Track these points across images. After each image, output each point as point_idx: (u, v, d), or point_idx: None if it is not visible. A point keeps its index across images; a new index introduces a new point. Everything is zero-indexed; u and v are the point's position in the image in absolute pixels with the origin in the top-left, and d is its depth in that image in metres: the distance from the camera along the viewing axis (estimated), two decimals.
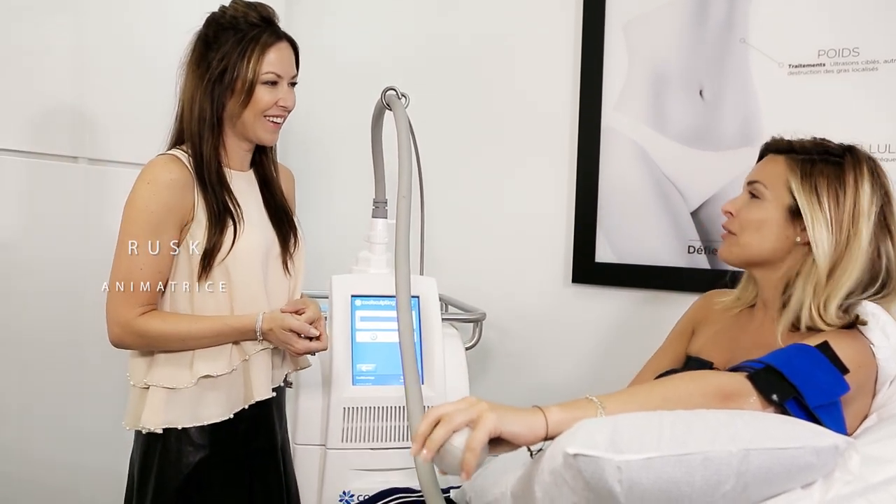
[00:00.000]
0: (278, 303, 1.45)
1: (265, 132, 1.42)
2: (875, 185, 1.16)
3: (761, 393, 0.98)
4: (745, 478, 0.85)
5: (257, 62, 1.38)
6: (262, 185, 1.51)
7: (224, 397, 1.39)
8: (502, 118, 2.18)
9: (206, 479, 1.39)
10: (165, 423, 1.36)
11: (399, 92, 1.58)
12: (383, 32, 2.33)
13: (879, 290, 1.14)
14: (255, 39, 1.39)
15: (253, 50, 1.38)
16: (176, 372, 1.37)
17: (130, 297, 1.35)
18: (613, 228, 2.04)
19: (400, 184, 1.30)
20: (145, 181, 1.35)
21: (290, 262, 1.50)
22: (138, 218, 1.34)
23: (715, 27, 1.91)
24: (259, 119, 1.40)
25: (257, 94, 1.38)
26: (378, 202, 1.85)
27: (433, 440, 0.87)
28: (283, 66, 1.41)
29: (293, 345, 1.37)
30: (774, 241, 1.19)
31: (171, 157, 1.39)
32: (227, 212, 1.39)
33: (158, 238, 1.34)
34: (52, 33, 1.74)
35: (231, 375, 1.39)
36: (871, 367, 1.09)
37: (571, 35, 2.08)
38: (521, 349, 2.17)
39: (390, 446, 1.68)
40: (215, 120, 1.39)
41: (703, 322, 1.37)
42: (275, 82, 1.40)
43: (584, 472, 0.81)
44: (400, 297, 1.18)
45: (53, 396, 1.78)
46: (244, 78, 1.37)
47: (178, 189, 1.36)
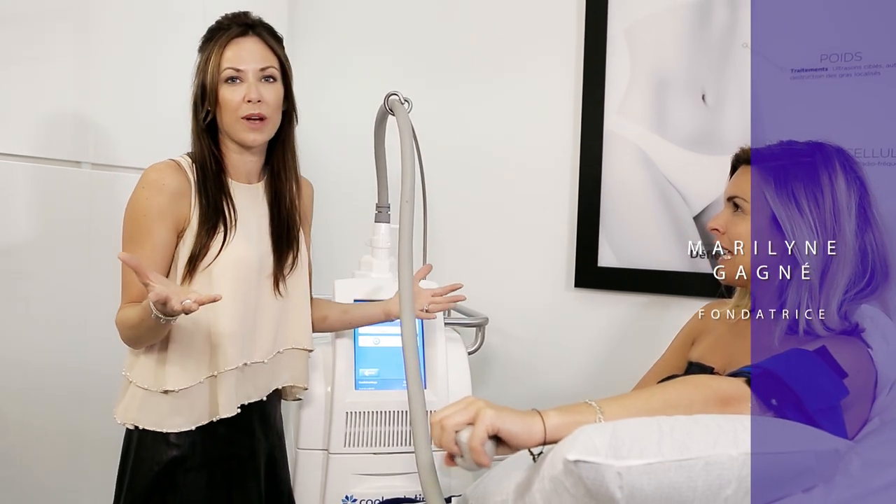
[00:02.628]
0: (264, 323, 1.45)
1: (244, 132, 1.40)
2: (849, 178, 1.15)
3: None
4: (746, 482, 0.85)
5: (217, 62, 1.38)
6: (272, 201, 1.49)
7: (188, 409, 1.39)
8: (505, 122, 2.19)
9: (178, 479, 1.39)
10: (133, 421, 1.39)
11: (402, 97, 1.58)
12: (386, 38, 2.34)
13: (870, 283, 1.14)
14: (214, 40, 1.39)
15: (213, 51, 1.39)
16: (149, 375, 1.38)
17: (123, 295, 1.38)
18: (616, 233, 2.04)
19: (403, 188, 1.30)
20: (140, 185, 1.38)
21: (283, 283, 1.48)
22: (132, 220, 1.37)
23: (717, 32, 1.91)
24: (237, 121, 1.39)
25: (221, 95, 1.38)
26: (381, 207, 1.86)
27: (444, 445, 0.88)
28: (243, 60, 1.38)
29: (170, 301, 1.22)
30: (765, 253, 1.19)
31: (170, 162, 1.40)
32: (220, 215, 1.39)
33: (150, 239, 1.35)
34: (56, 39, 1.75)
35: (196, 389, 1.38)
36: (870, 371, 1.09)
37: (574, 39, 2.08)
38: (523, 354, 2.17)
39: (393, 451, 1.68)
40: (203, 128, 1.41)
41: (703, 332, 1.37)
42: (235, 78, 1.38)
43: (584, 478, 0.81)
44: (403, 302, 1.18)
45: (58, 402, 1.78)
46: (206, 82, 1.38)
47: (170, 193, 1.36)
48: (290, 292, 1.50)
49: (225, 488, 1.45)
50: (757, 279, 1.23)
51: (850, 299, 1.14)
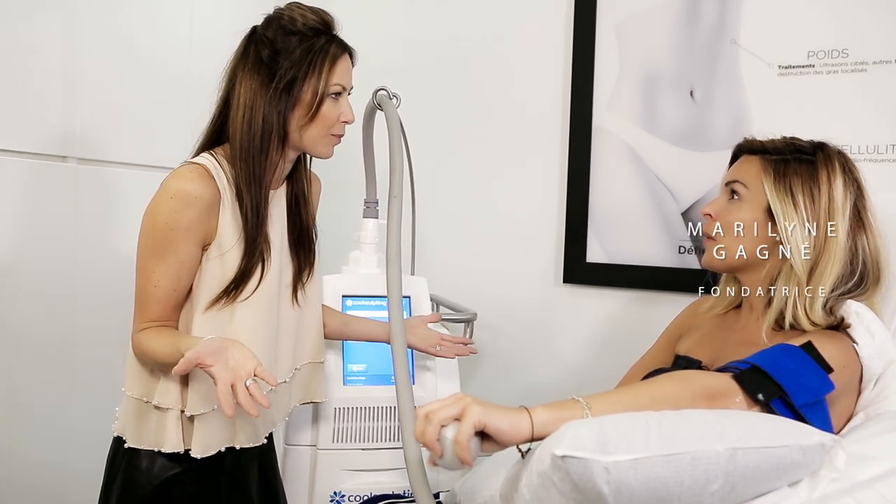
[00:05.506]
0: (284, 339, 1.38)
1: (328, 146, 1.35)
2: (847, 179, 1.17)
3: (747, 392, 0.99)
4: (732, 477, 0.86)
5: (328, 75, 1.29)
6: (292, 203, 1.41)
7: (207, 434, 1.30)
8: (494, 118, 2.19)
9: (177, 492, 1.32)
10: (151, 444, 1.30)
11: (390, 92, 1.58)
12: (374, 33, 2.33)
13: (859, 284, 1.15)
14: (324, 50, 1.30)
15: (324, 61, 1.29)
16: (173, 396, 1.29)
17: (141, 311, 1.29)
18: (604, 229, 2.04)
19: (391, 184, 1.30)
20: (168, 195, 1.24)
21: (302, 291, 1.42)
22: (156, 232, 1.25)
23: (706, 28, 1.91)
24: (326, 135, 1.33)
25: (324, 109, 1.30)
26: (369, 202, 1.85)
27: (426, 438, 0.88)
28: (347, 77, 1.33)
29: (236, 389, 1.13)
30: (755, 241, 1.20)
31: (200, 169, 1.26)
32: (262, 253, 1.30)
33: (175, 254, 1.25)
34: (42, 32, 1.73)
35: (215, 414, 1.29)
36: (855, 366, 1.10)
37: (563, 35, 2.09)
38: (512, 349, 2.18)
39: (381, 446, 1.68)
40: (282, 133, 1.29)
41: (690, 327, 1.38)
42: (339, 94, 1.32)
43: (572, 473, 0.81)
44: (391, 298, 1.18)
45: (45, 397, 1.77)
46: (315, 90, 1.28)
47: (202, 208, 1.25)
48: (307, 301, 1.44)
49: (223, 488, 1.40)
50: (744, 269, 1.24)
51: (837, 298, 1.15)
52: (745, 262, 1.22)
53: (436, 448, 0.88)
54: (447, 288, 2.12)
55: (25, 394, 1.74)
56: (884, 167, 1.73)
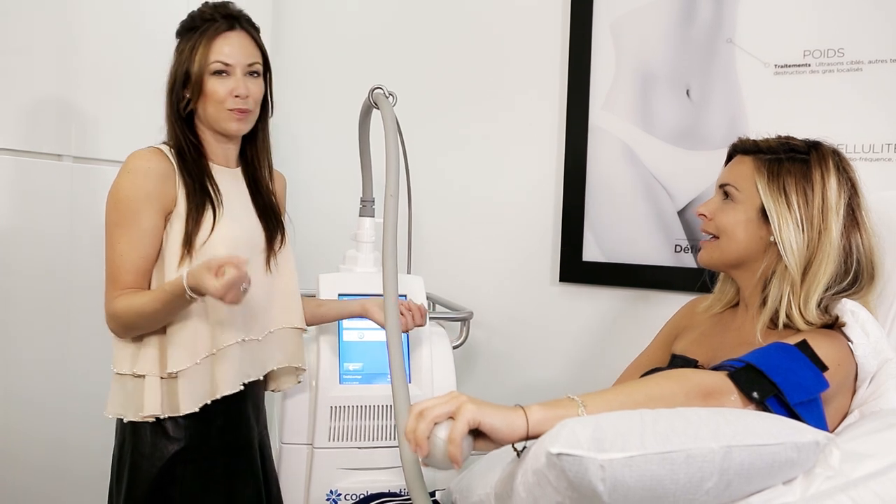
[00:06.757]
0: (257, 298, 1.45)
1: (229, 122, 1.42)
2: (841, 178, 1.17)
3: (742, 391, 0.99)
4: (727, 474, 0.86)
5: (204, 54, 1.39)
6: (250, 183, 1.51)
7: (190, 390, 1.38)
8: (490, 117, 2.19)
9: (180, 472, 1.40)
10: (134, 413, 1.37)
11: (386, 90, 1.58)
12: (370, 31, 2.33)
13: (853, 283, 1.15)
14: (203, 32, 1.40)
15: (200, 42, 1.40)
16: (152, 362, 1.38)
17: (113, 283, 1.37)
18: (601, 227, 2.04)
19: (387, 182, 1.30)
20: (125, 171, 1.38)
21: (274, 260, 1.51)
22: (118, 206, 1.36)
23: (702, 27, 1.92)
24: (221, 111, 1.41)
25: (208, 86, 1.40)
26: (365, 201, 1.85)
27: (417, 434, 0.88)
28: (233, 55, 1.41)
29: (207, 286, 1.24)
30: (749, 241, 1.20)
31: (152, 148, 1.42)
32: (206, 195, 1.40)
33: (138, 224, 1.35)
34: (37, 30, 1.73)
35: (197, 369, 1.38)
36: (850, 365, 1.10)
37: (559, 33, 2.09)
38: (508, 348, 2.18)
39: (377, 445, 1.68)
40: (181, 115, 1.42)
41: (687, 327, 1.38)
42: (223, 72, 1.40)
43: (567, 471, 0.81)
44: (387, 296, 1.18)
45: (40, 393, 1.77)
46: (193, 71, 1.40)
47: (156, 177, 1.37)
48: (280, 269, 1.52)
49: (225, 478, 1.45)
50: (739, 268, 1.24)
51: (831, 297, 1.15)
52: (739, 261, 1.22)
53: (423, 445, 0.88)
54: (443, 286, 2.12)
55: (21, 391, 1.74)
56: (879, 166, 1.74)
